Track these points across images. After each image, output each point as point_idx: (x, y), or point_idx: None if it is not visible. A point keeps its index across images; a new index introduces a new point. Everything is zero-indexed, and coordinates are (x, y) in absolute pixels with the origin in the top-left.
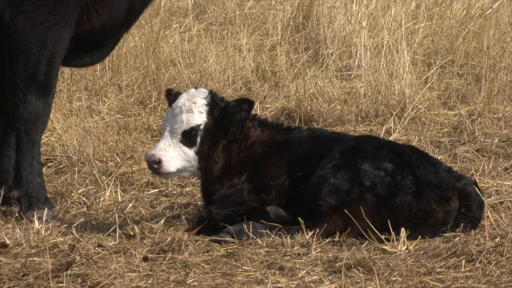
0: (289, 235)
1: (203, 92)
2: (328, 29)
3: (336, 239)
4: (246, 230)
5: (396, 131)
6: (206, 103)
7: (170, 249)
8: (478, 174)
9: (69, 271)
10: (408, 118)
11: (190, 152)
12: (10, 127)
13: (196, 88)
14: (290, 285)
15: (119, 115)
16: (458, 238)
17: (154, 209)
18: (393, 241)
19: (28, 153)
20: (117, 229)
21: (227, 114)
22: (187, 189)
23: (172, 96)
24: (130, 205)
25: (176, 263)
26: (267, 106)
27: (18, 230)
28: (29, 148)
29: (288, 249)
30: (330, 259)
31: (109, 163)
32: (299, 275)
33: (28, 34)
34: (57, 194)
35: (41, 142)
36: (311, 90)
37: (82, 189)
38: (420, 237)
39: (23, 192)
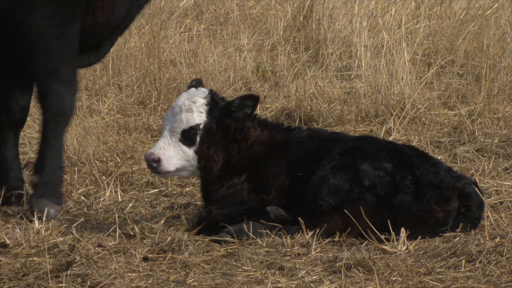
0: (289, 235)
1: (203, 91)
2: (328, 29)
3: (336, 239)
4: (246, 230)
5: (396, 131)
6: (206, 102)
7: (170, 249)
8: (478, 174)
9: (69, 271)
10: (408, 118)
11: (190, 152)
12: (7, 127)
13: (196, 87)
14: (290, 285)
15: (119, 115)
16: (458, 238)
17: (154, 209)
18: (393, 241)
19: (52, 146)
20: (117, 229)
21: (230, 112)
22: (187, 189)
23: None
24: (130, 205)
25: (176, 263)
26: (267, 106)
27: (18, 230)
28: (54, 140)
29: (288, 249)
30: (330, 259)
31: (109, 163)
32: (299, 275)
33: (44, 27)
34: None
35: None
36: (311, 90)
37: (82, 189)
38: (420, 237)
39: (42, 180)
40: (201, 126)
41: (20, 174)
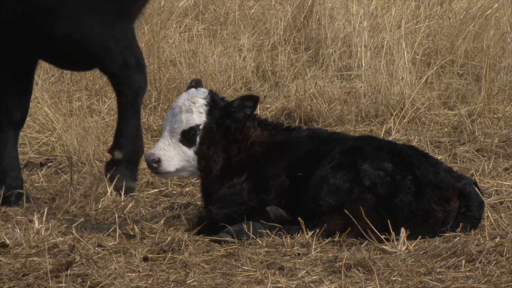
0: (289, 235)
1: (202, 92)
2: (328, 29)
3: (336, 239)
4: (246, 230)
5: (396, 131)
6: (205, 103)
7: (170, 249)
8: (478, 174)
9: (69, 271)
10: (408, 118)
11: (189, 152)
12: (7, 127)
13: (195, 87)
14: (290, 285)
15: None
16: (458, 238)
17: (154, 209)
18: (393, 241)
19: (133, 122)
20: (117, 229)
21: (230, 113)
22: (187, 189)
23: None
24: (130, 205)
25: (176, 263)
26: (267, 106)
27: (18, 230)
28: (135, 117)
29: (288, 249)
30: (330, 259)
31: None
32: (299, 275)
33: (97, 34)
34: (57, 194)
35: (42, 142)
36: (311, 90)
37: (82, 189)
38: (420, 237)
39: (126, 156)
40: (201, 127)
41: (19, 174)
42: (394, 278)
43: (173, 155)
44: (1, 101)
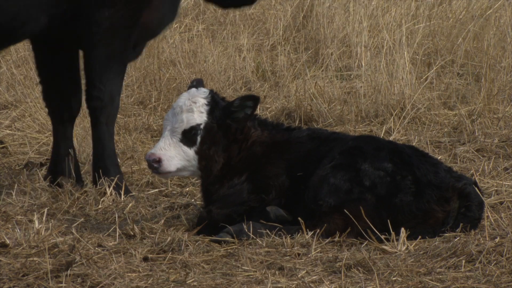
0: (289, 235)
1: (203, 91)
2: (328, 29)
3: (336, 239)
4: (246, 230)
5: (396, 131)
6: (206, 102)
7: (170, 249)
8: (478, 174)
9: (69, 271)
10: (408, 118)
11: (190, 152)
12: (67, 122)
13: (196, 87)
14: (290, 285)
15: (119, 115)
16: (458, 238)
17: (154, 209)
18: (393, 241)
19: (108, 145)
20: (117, 229)
21: (231, 113)
22: (187, 189)
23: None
24: (130, 205)
25: (176, 263)
26: (267, 106)
27: (18, 230)
28: (109, 140)
29: (288, 249)
30: (330, 259)
31: None
32: (299, 275)
33: (118, 28)
34: (57, 194)
35: (42, 142)
36: (311, 90)
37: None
38: (420, 237)
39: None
40: (201, 126)
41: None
42: (394, 278)
43: (174, 154)
44: (63, 99)
